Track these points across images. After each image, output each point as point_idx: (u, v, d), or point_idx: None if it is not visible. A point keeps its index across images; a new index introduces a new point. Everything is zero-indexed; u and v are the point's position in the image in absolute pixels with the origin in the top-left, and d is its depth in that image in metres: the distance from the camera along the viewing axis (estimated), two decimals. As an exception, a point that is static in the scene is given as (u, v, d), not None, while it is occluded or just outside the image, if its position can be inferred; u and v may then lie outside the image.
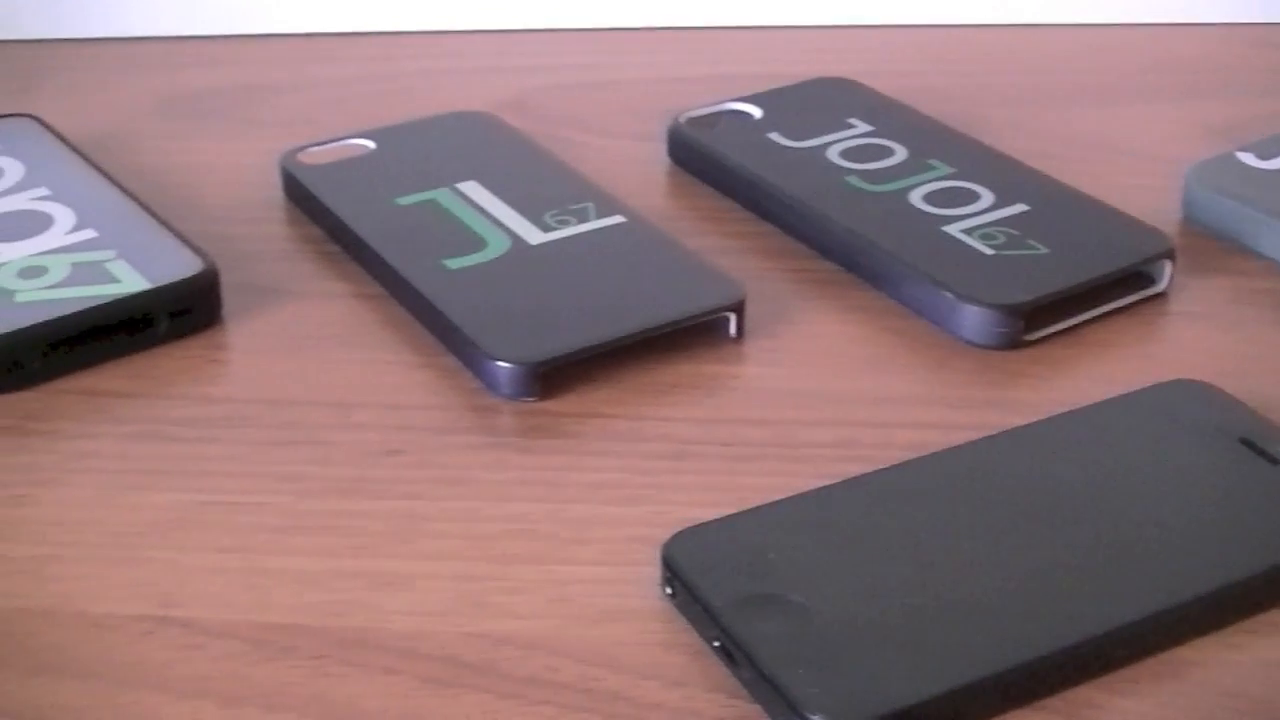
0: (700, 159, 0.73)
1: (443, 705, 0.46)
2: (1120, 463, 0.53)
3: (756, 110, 0.75)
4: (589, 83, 0.83)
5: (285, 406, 0.59)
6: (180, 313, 0.62)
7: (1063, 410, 0.56)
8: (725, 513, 0.51)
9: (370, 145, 0.73)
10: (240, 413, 0.58)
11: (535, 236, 0.65)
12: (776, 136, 0.73)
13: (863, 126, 0.73)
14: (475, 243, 0.65)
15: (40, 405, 0.59)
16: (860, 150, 0.71)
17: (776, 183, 0.69)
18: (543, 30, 0.89)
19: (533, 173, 0.70)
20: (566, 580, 0.51)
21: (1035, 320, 0.61)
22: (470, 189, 0.69)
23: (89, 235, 0.65)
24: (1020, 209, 0.66)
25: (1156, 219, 0.66)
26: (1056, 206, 0.66)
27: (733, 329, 0.61)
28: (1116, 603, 0.47)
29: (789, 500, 0.51)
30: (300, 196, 0.70)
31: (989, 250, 0.63)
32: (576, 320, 0.60)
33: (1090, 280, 0.62)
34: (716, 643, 0.47)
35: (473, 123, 0.75)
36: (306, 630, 0.49)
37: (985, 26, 0.89)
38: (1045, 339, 0.61)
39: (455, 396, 0.59)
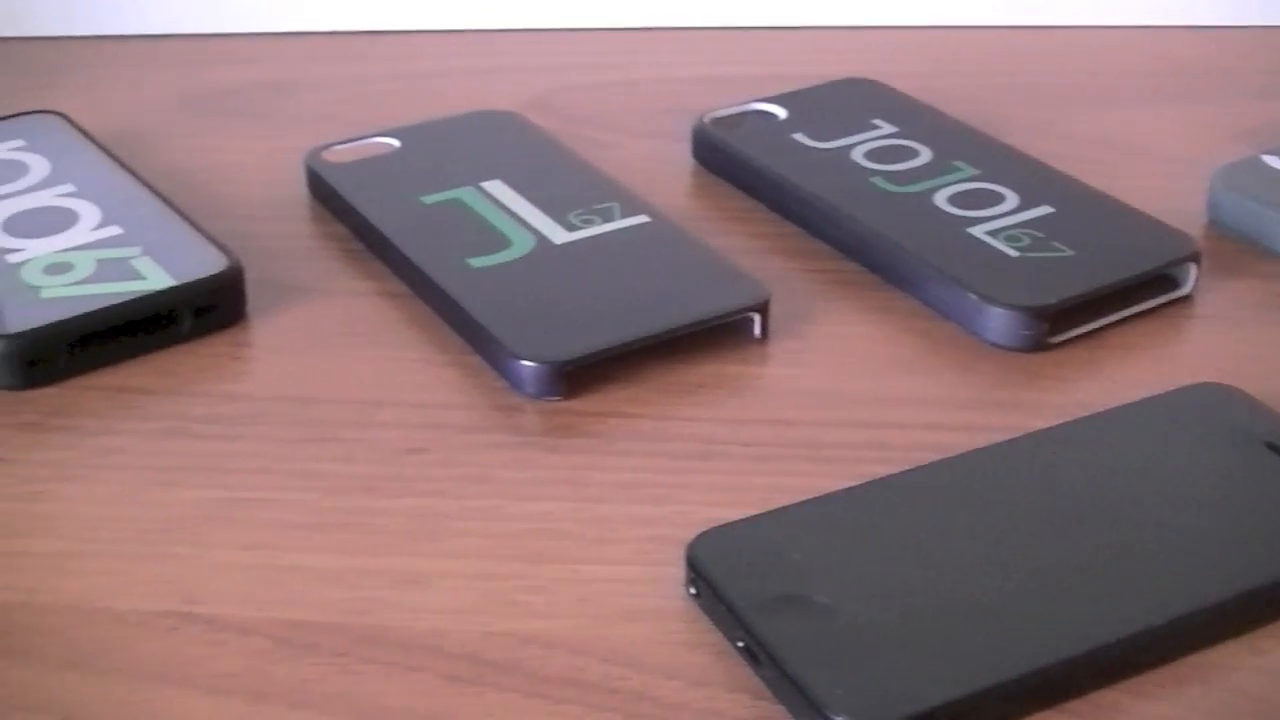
0: (725, 159, 0.73)
1: (466, 704, 0.46)
2: (1145, 466, 0.53)
3: (781, 111, 0.75)
4: (614, 82, 0.83)
5: (309, 404, 0.59)
6: (204, 310, 0.62)
7: (1087, 413, 0.55)
8: (750, 513, 0.51)
9: (395, 144, 0.73)
10: (264, 410, 0.58)
11: (560, 236, 0.65)
12: (801, 137, 0.73)
13: (887, 127, 0.73)
14: (500, 242, 0.65)
15: (65, 401, 0.59)
16: (885, 151, 0.71)
17: (801, 183, 0.69)
18: (568, 30, 0.89)
19: (557, 172, 0.70)
20: (590, 580, 0.51)
21: (1060, 322, 0.61)
22: (495, 188, 0.69)
23: (114, 232, 0.65)
24: (1045, 211, 0.66)
25: (1181, 222, 0.66)
26: (1081, 209, 0.66)
27: (757, 329, 0.61)
28: (1141, 606, 0.47)
29: (813, 501, 0.51)
30: (325, 194, 0.71)
31: (1014, 252, 0.63)
32: (601, 320, 0.60)
33: (1115, 283, 0.62)
34: (740, 643, 0.47)
35: (498, 122, 0.75)
36: (330, 627, 0.49)
37: (1011, 28, 0.88)
38: (1070, 341, 0.61)
39: (479, 395, 0.59)
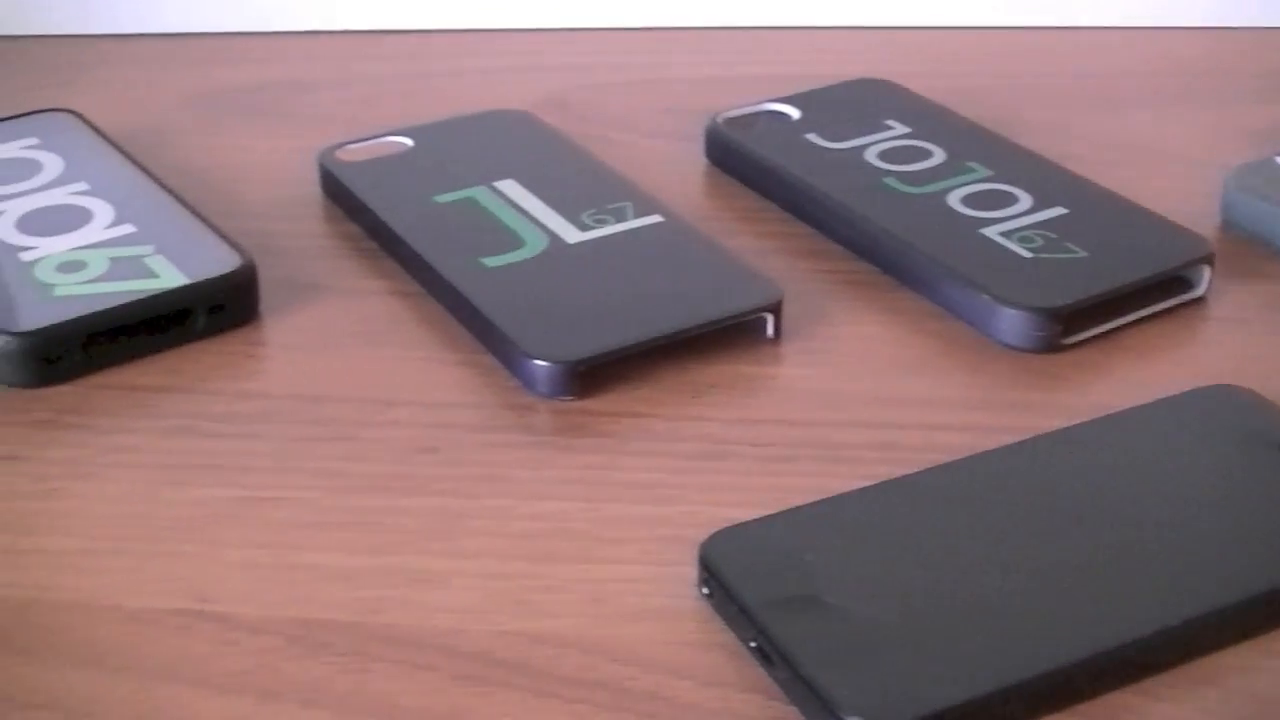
0: (738, 159, 0.73)
1: (478, 702, 0.46)
2: (1158, 467, 0.53)
3: (794, 111, 0.75)
4: (627, 82, 0.83)
5: (322, 403, 0.59)
6: (218, 308, 0.62)
7: (1100, 414, 0.55)
8: (762, 513, 0.51)
9: (408, 143, 0.73)
10: (277, 408, 0.59)
11: (573, 235, 0.65)
12: (814, 137, 0.73)
13: (901, 128, 0.73)
14: (513, 241, 0.65)
15: (78, 399, 0.59)
16: (898, 152, 0.71)
17: (814, 183, 0.69)
18: (581, 29, 0.89)
19: (570, 172, 0.70)
20: (603, 579, 0.50)
21: (1073, 324, 0.61)
22: (508, 187, 0.69)
23: (127, 230, 0.65)
24: (1058, 212, 0.66)
25: (1195, 223, 0.66)
26: (1095, 210, 0.66)
27: (770, 330, 0.61)
28: (1154, 607, 0.47)
29: (826, 501, 0.51)
30: (338, 193, 0.71)
31: (1027, 253, 0.63)
32: (614, 319, 0.60)
33: (1129, 284, 0.62)
34: (753, 643, 0.47)
35: (511, 121, 0.75)
36: (343, 626, 0.49)
37: (1024, 29, 0.88)
38: (1083, 343, 0.61)
39: (492, 395, 0.59)
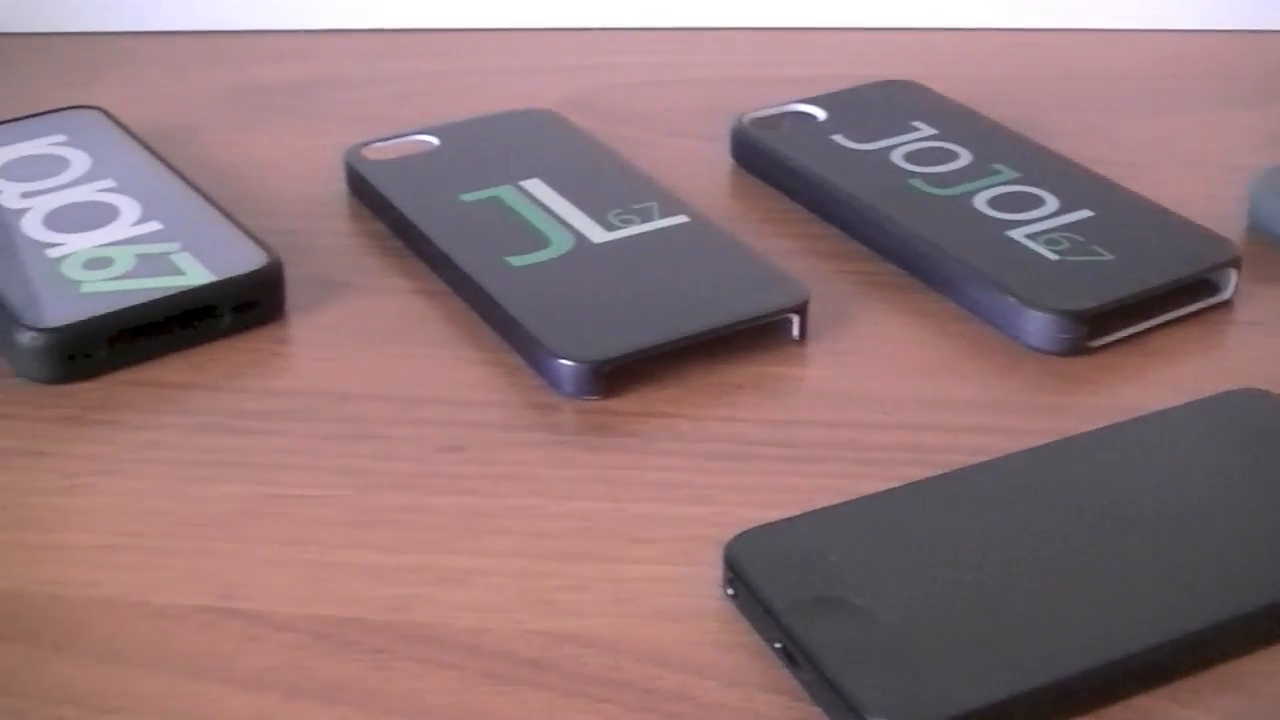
0: (764, 160, 0.73)
1: (504, 702, 0.46)
2: (1184, 471, 0.53)
3: (820, 112, 0.75)
4: (653, 82, 0.83)
5: (348, 401, 0.59)
6: (244, 306, 0.62)
7: (1126, 417, 0.55)
8: (788, 514, 0.51)
9: (434, 142, 0.73)
10: (303, 406, 0.59)
11: (599, 235, 0.65)
12: (840, 138, 0.73)
13: (927, 129, 0.73)
14: (539, 240, 0.65)
15: (104, 396, 0.59)
16: (924, 153, 0.71)
17: (840, 184, 0.69)
18: (608, 29, 0.89)
19: (596, 171, 0.70)
20: (628, 579, 0.51)
21: (1099, 327, 0.61)
22: (534, 187, 0.69)
23: (154, 227, 0.65)
24: (1085, 215, 0.66)
25: (1221, 227, 0.66)
26: (1121, 213, 0.66)
27: (795, 330, 0.61)
28: (1180, 612, 0.47)
29: (852, 503, 0.51)
30: (364, 192, 0.71)
31: (1053, 256, 0.63)
32: (640, 319, 0.60)
33: (1155, 287, 0.62)
34: (778, 644, 0.47)
35: (537, 120, 0.75)
36: (368, 624, 0.49)
37: (1050, 31, 0.88)
38: (1109, 346, 0.61)
39: (518, 394, 0.59)
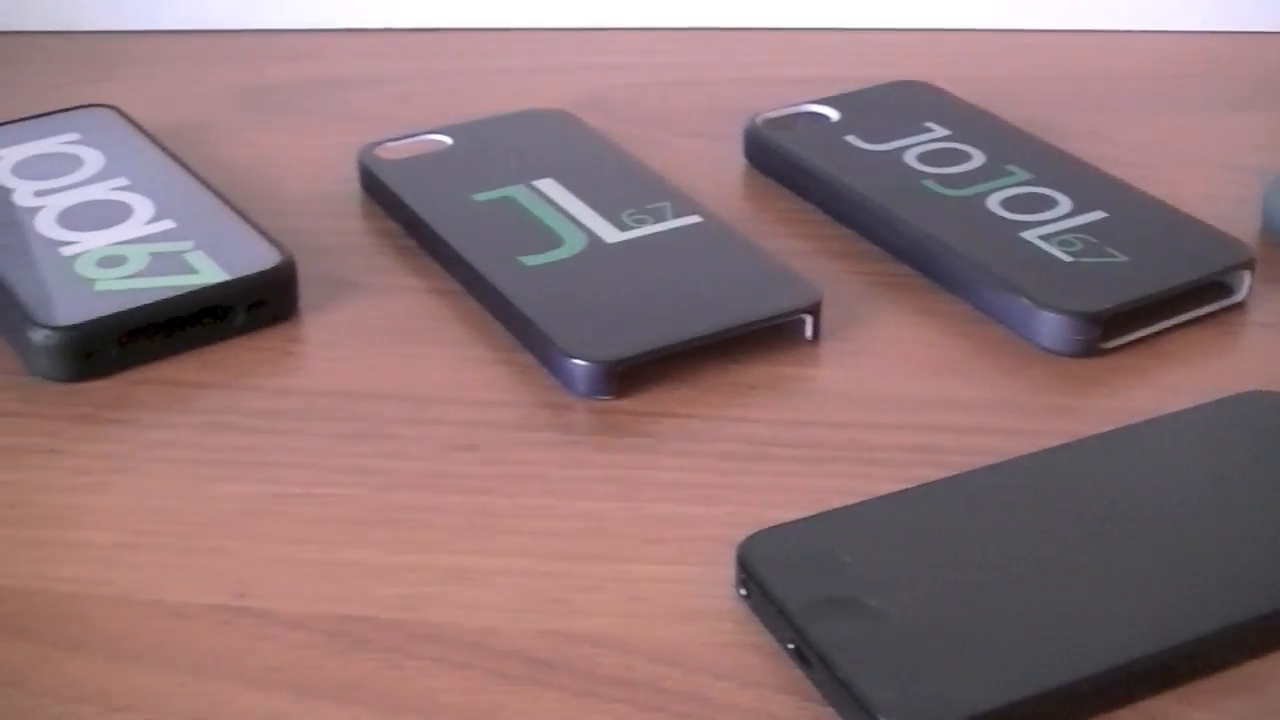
0: (777, 160, 0.73)
1: (516, 701, 0.46)
2: (1197, 472, 0.53)
3: (833, 112, 0.75)
4: (666, 82, 0.83)
5: (360, 400, 0.59)
6: (257, 304, 0.62)
7: (1139, 419, 0.55)
8: (800, 515, 0.51)
9: (447, 141, 0.73)
10: (315, 405, 0.59)
11: (612, 235, 0.65)
12: (853, 139, 0.73)
13: (940, 130, 0.73)
14: (552, 240, 0.65)
15: (117, 394, 0.59)
16: (937, 154, 0.71)
17: (853, 185, 0.69)
18: (621, 29, 0.89)
19: (609, 171, 0.70)
20: (641, 579, 0.51)
21: (1112, 328, 0.60)
22: (547, 186, 0.69)
23: (167, 226, 0.65)
24: (1098, 216, 0.66)
25: (1235, 229, 0.66)
26: (1134, 214, 0.66)
27: (808, 331, 0.61)
28: (1193, 614, 0.47)
29: (865, 503, 0.51)
30: (377, 191, 0.71)
31: (1066, 257, 0.63)
32: (652, 319, 0.60)
33: (1168, 289, 0.62)
34: (790, 645, 0.47)
35: (550, 120, 0.75)
36: (380, 623, 0.49)
37: (1064, 32, 0.88)
38: (1122, 347, 0.61)
39: (530, 393, 0.59)
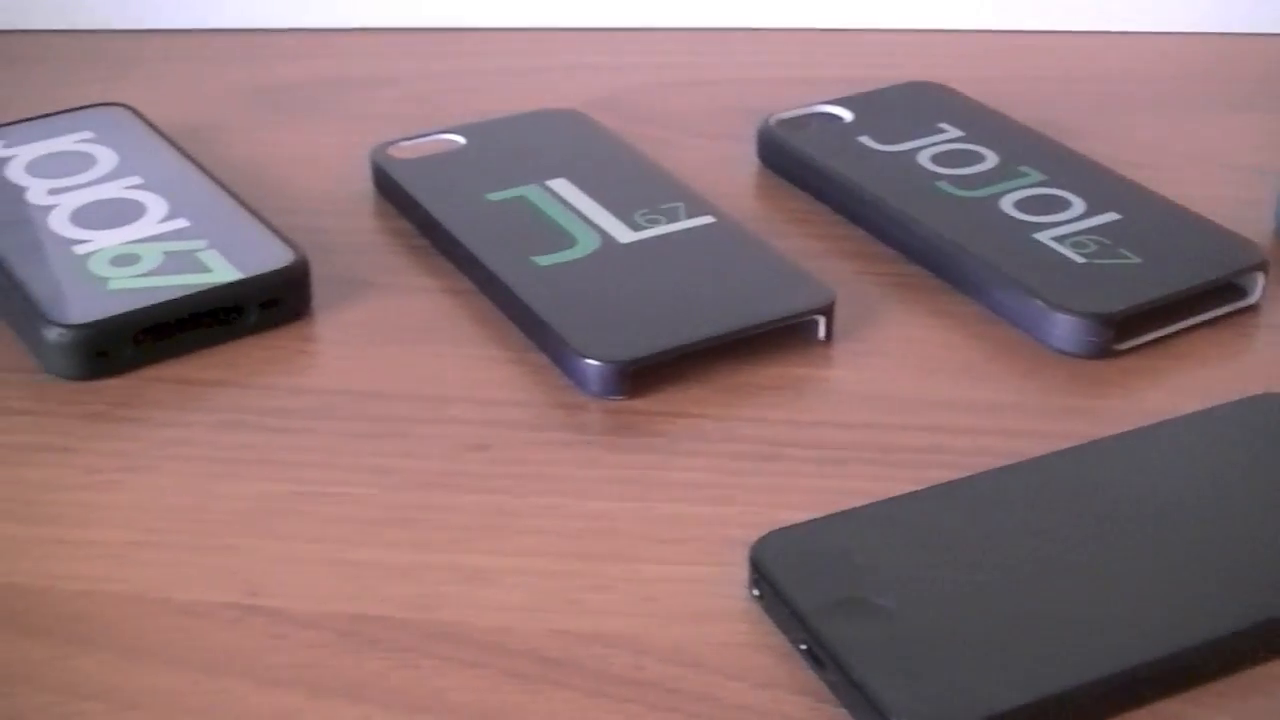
0: (790, 161, 0.73)
1: (529, 701, 0.46)
2: (1210, 475, 0.52)
3: (847, 113, 0.75)
4: (679, 82, 0.83)
5: (373, 399, 0.59)
6: (270, 303, 0.62)
7: (1152, 421, 0.55)
8: (814, 515, 0.51)
9: (461, 141, 0.73)
10: (329, 404, 0.59)
11: (625, 235, 0.65)
12: (867, 140, 0.73)
13: (954, 131, 0.73)
14: (565, 240, 0.65)
15: (130, 393, 0.59)
16: (951, 155, 0.71)
17: (866, 186, 0.69)
18: (635, 29, 0.89)
19: (623, 171, 0.70)
20: (654, 579, 0.51)
21: (1126, 330, 0.60)
22: (560, 186, 0.69)
23: (181, 224, 0.65)
24: (1112, 217, 0.66)
25: (1248, 230, 0.65)
26: (1148, 216, 0.66)
27: (822, 332, 0.61)
28: (1206, 616, 0.47)
29: (878, 504, 0.51)
30: (390, 190, 0.71)
31: (1080, 258, 0.63)
32: (666, 320, 0.60)
33: (1182, 291, 0.62)
34: (803, 645, 0.47)
35: (563, 120, 0.75)
36: (393, 622, 0.49)
37: (1077, 33, 0.88)
38: (1136, 349, 0.61)
39: (543, 393, 0.59)
